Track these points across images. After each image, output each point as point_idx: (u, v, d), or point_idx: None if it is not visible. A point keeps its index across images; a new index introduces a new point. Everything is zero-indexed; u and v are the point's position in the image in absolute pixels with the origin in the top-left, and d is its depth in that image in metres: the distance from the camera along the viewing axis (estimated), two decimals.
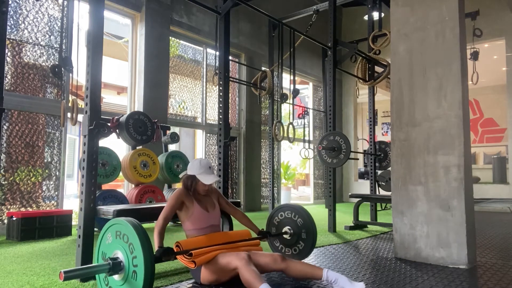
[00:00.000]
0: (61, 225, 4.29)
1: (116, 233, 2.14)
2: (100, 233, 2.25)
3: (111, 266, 2.05)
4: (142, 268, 1.95)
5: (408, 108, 3.33)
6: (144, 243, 1.99)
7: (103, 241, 2.23)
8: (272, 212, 3.18)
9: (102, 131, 2.63)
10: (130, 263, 2.02)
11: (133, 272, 2.00)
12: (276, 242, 3.13)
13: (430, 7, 3.25)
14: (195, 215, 2.50)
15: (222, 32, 3.70)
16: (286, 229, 3.04)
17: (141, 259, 1.96)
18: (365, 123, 13.37)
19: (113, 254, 2.12)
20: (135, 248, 2.00)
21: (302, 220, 3.00)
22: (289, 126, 5.75)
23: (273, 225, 3.13)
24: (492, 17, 8.40)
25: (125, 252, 2.06)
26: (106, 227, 2.21)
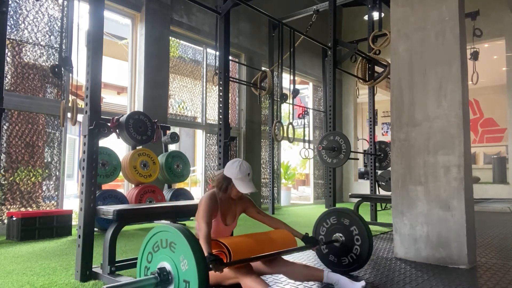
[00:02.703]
0: (61, 225, 4.29)
1: (162, 242, 1.88)
2: (142, 243, 1.99)
3: (158, 280, 1.81)
4: (196, 280, 1.70)
5: (408, 108, 3.33)
6: (197, 252, 1.74)
7: (145, 252, 1.96)
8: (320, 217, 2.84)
9: (102, 131, 2.63)
10: (181, 275, 1.77)
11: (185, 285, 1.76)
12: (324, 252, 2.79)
13: (430, 7, 3.25)
14: (214, 225, 2.28)
15: (222, 32, 3.70)
16: (338, 236, 2.71)
17: (194, 270, 1.70)
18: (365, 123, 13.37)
19: (159, 266, 1.86)
20: (187, 258, 1.75)
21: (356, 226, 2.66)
22: (289, 126, 5.75)
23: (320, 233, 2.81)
24: (492, 17, 8.40)
25: (174, 263, 1.81)
26: (150, 235, 1.94)
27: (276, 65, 6.68)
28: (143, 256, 1.96)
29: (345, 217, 2.73)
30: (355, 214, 2.73)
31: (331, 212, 2.80)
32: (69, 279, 2.52)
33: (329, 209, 2.89)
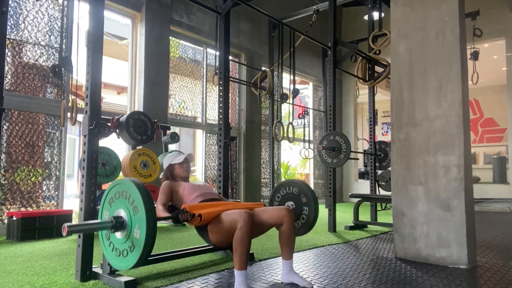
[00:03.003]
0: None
1: (119, 193, 2.19)
2: (104, 193, 2.31)
3: (114, 224, 2.12)
4: (144, 224, 1.99)
5: (408, 108, 3.33)
6: (147, 200, 2.02)
7: (106, 201, 2.29)
8: (275, 189, 3.25)
9: (102, 131, 2.63)
10: (133, 221, 2.07)
11: (135, 230, 2.05)
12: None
13: (430, 7, 3.25)
14: (187, 188, 2.65)
15: (222, 32, 3.70)
16: (289, 204, 3.08)
17: (143, 215, 2.00)
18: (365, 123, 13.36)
19: (116, 213, 2.18)
20: (138, 207, 2.05)
21: (306, 199, 3.05)
22: (289, 126, 5.75)
23: (275, 201, 3.21)
24: (492, 17, 8.40)
25: (128, 211, 2.11)
26: (110, 187, 2.27)
27: (276, 65, 6.68)
28: (104, 203, 2.30)
29: (295, 186, 3.12)
30: (304, 184, 3.12)
31: (283, 184, 3.20)
32: (69, 279, 2.52)
33: (281, 181, 3.30)
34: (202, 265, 2.92)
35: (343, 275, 2.67)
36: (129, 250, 2.09)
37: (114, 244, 2.20)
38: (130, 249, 2.08)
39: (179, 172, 2.75)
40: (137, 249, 2.03)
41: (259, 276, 2.65)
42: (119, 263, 2.16)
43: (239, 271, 2.18)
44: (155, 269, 2.77)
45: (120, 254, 2.15)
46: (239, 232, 2.18)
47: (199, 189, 2.70)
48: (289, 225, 2.43)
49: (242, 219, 2.19)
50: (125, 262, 2.11)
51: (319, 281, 2.51)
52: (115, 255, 2.19)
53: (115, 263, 2.21)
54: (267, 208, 2.55)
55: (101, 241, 2.30)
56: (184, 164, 2.77)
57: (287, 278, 2.43)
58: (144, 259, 2.04)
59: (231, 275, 2.64)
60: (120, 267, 2.16)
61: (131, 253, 2.08)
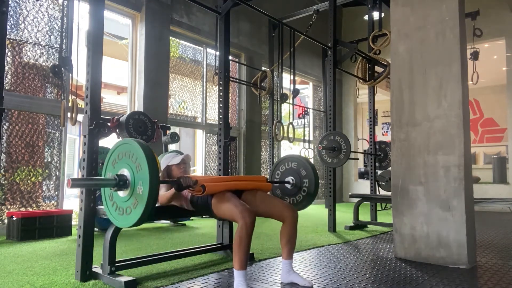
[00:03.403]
0: (61, 225, 4.29)
1: (122, 153, 2.21)
2: (107, 155, 2.32)
3: (117, 182, 2.14)
4: (147, 179, 2.01)
5: (408, 108, 3.33)
6: (149, 157, 2.04)
7: (109, 163, 2.30)
8: (274, 165, 3.29)
9: (102, 131, 2.63)
10: (136, 179, 2.09)
11: (138, 186, 2.07)
12: (278, 192, 3.22)
13: (430, 7, 3.25)
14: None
15: (222, 32, 3.70)
16: (289, 179, 3.12)
17: (146, 171, 2.02)
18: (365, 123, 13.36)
19: (120, 172, 2.19)
20: (141, 164, 2.07)
21: (306, 171, 3.07)
22: (289, 126, 5.75)
23: (276, 175, 3.24)
24: (492, 17, 8.39)
25: (131, 168, 2.13)
26: (113, 149, 2.30)
27: (276, 65, 6.68)
28: (107, 164, 2.31)
29: (294, 161, 3.16)
30: (302, 158, 3.18)
31: (282, 160, 3.25)
32: (69, 279, 2.52)
33: (280, 158, 3.39)
34: (202, 265, 2.92)
35: (343, 275, 2.67)
36: (132, 207, 2.11)
37: (117, 203, 2.22)
38: (133, 206, 2.11)
39: (176, 173, 2.74)
40: (140, 205, 2.05)
41: (259, 276, 2.65)
42: (123, 221, 2.18)
43: (239, 271, 2.18)
44: (155, 269, 2.77)
45: (124, 212, 2.17)
46: (239, 233, 2.17)
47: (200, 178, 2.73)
48: (292, 224, 2.43)
49: (243, 220, 2.17)
50: (129, 219, 2.13)
51: (319, 281, 2.51)
52: (118, 214, 2.21)
53: (119, 222, 2.22)
54: (274, 200, 2.53)
55: (104, 202, 2.32)
56: (182, 165, 2.76)
57: (287, 278, 2.43)
58: (147, 213, 2.06)
59: (231, 275, 2.64)
60: (124, 224, 2.19)
61: (134, 210, 2.10)
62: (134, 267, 2.67)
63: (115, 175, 2.18)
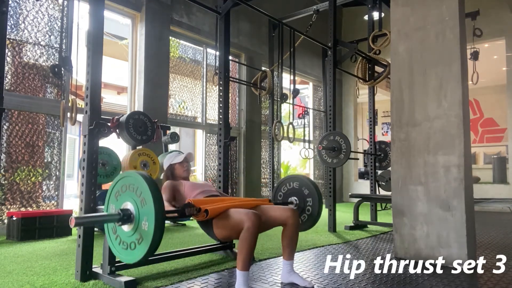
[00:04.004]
0: (61, 225, 4.29)
1: (126, 186, 2.18)
2: (111, 185, 2.28)
3: (121, 216, 2.10)
4: (152, 216, 1.98)
5: (408, 108, 3.33)
6: (155, 192, 2.01)
7: (112, 195, 2.27)
8: (276, 187, 3.27)
9: (102, 131, 2.63)
10: (141, 214, 2.06)
11: (143, 222, 2.04)
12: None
13: (430, 7, 3.25)
14: (187, 186, 2.67)
15: (222, 32, 3.70)
16: (292, 199, 3.10)
17: (151, 207, 1.98)
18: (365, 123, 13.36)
19: (123, 206, 2.16)
20: (146, 198, 2.03)
21: (308, 190, 3.06)
22: (289, 126, 5.75)
23: (279, 196, 3.22)
24: (492, 17, 8.39)
25: (135, 203, 2.09)
26: (116, 181, 2.25)
27: (276, 65, 6.68)
28: (110, 197, 2.27)
29: (296, 181, 3.15)
30: (303, 177, 3.17)
31: (284, 181, 3.24)
32: (69, 279, 2.52)
33: (281, 179, 3.35)
34: (202, 265, 2.92)
35: (343, 275, 2.67)
36: (137, 242, 2.08)
37: (121, 237, 2.18)
38: (138, 242, 2.07)
39: (179, 171, 2.77)
40: (145, 241, 2.02)
41: (259, 276, 2.65)
42: (127, 256, 2.14)
43: (242, 272, 2.17)
44: (155, 269, 2.77)
45: (128, 247, 2.13)
46: (245, 233, 2.17)
47: (200, 187, 2.72)
48: (293, 226, 2.42)
49: (250, 221, 2.17)
50: (133, 254, 2.10)
51: (319, 281, 2.52)
52: (122, 248, 2.17)
53: (122, 257, 2.18)
54: (273, 206, 2.54)
55: (108, 236, 2.28)
56: (184, 163, 2.78)
57: (287, 278, 2.43)
58: (153, 250, 2.02)
59: (231, 275, 2.64)
60: (128, 260, 2.15)
61: (139, 245, 2.06)
62: (134, 267, 2.67)
63: (119, 209, 2.14)
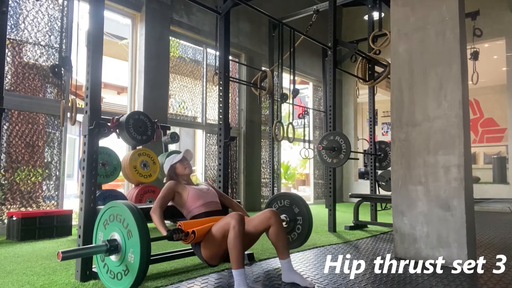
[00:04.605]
0: (61, 225, 4.29)
1: (113, 216, 2.21)
2: (98, 216, 2.33)
3: (108, 247, 2.14)
4: (138, 249, 2.02)
5: (408, 108, 3.33)
6: (141, 226, 2.04)
7: (100, 223, 2.32)
8: (269, 201, 3.31)
9: (102, 131, 2.63)
10: (127, 245, 2.10)
11: (129, 254, 2.07)
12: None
13: (430, 7, 3.25)
14: (191, 194, 2.62)
15: (222, 32, 3.70)
16: (283, 217, 3.14)
17: (137, 241, 2.02)
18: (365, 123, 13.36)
19: (110, 236, 2.21)
20: (132, 231, 2.07)
21: (299, 208, 3.14)
22: (289, 126, 5.75)
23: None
24: (492, 17, 8.40)
25: (122, 234, 2.13)
26: (104, 209, 2.29)
27: (276, 65, 6.68)
28: (99, 225, 2.32)
29: (286, 199, 3.21)
30: (294, 195, 3.24)
31: (274, 199, 3.29)
32: (69, 279, 2.52)
33: (272, 196, 3.40)
34: (202, 265, 2.92)
35: (343, 275, 2.67)
36: (123, 273, 2.12)
37: (108, 266, 2.23)
38: (124, 273, 2.11)
39: (181, 170, 2.75)
40: (131, 274, 2.06)
41: (259, 276, 2.65)
42: (113, 285, 2.19)
43: (237, 270, 2.18)
44: (155, 269, 2.77)
45: (115, 276, 2.18)
46: (232, 232, 2.19)
47: (202, 197, 2.64)
48: (276, 224, 2.44)
49: (234, 219, 2.21)
50: (119, 285, 2.14)
51: (319, 281, 2.52)
52: (109, 277, 2.22)
53: (109, 285, 2.23)
54: (252, 217, 2.55)
55: (96, 263, 2.32)
56: (184, 161, 2.78)
57: (288, 278, 2.43)
58: (138, 283, 2.06)
59: (231, 275, 2.64)
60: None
61: (125, 277, 2.10)
62: None
63: (106, 240, 2.17)
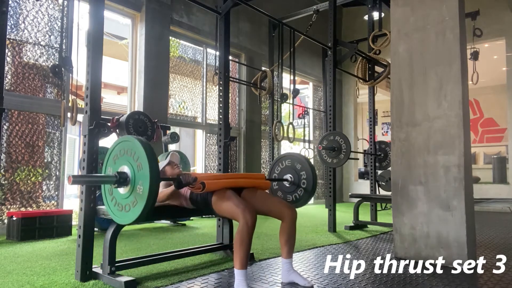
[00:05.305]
0: (61, 225, 4.29)
1: (124, 150, 2.21)
2: (110, 148, 2.32)
3: (117, 179, 2.15)
4: (147, 180, 2.02)
5: (408, 108, 3.33)
6: (151, 158, 2.05)
7: (110, 157, 2.30)
8: (274, 161, 3.30)
9: (102, 131, 2.63)
10: (137, 178, 2.10)
11: (138, 186, 2.08)
12: (279, 193, 3.25)
13: (430, 7, 3.25)
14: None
15: (222, 32, 3.70)
16: (287, 177, 3.14)
17: (147, 172, 2.02)
18: (365, 123, 13.36)
19: (120, 169, 2.20)
20: (142, 164, 2.07)
21: (302, 167, 3.11)
22: (289, 126, 5.75)
23: (274, 173, 3.26)
24: (492, 17, 8.40)
25: (132, 167, 2.13)
26: (115, 144, 2.29)
27: (276, 65, 6.68)
28: (108, 159, 2.31)
29: (287, 159, 3.20)
30: (294, 153, 3.26)
31: (280, 158, 3.27)
32: (69, 279, 2.52)
33: (279, 155, 3.42)
34: (202, 265, 2.92)
35: (343, 275, 2.67)
36: (131, 205, 2.12)
37: (116, 198, 2.24)
38: (132, 204, 2.12)
39: (171, 172, 2.79)
40: (139, 204, 2.07)
41: (259, 276, 2.65)
42: (121, 217, 2.21)
43: (239, 271, 2.18)
44: (155, 269, 2.77)
45: (123, 208, 2.18)
46: (240, 233, 2.18)
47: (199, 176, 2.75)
48: (291, 223, 2.44)
49: (245, 220, 2.18)
50: (127, 216, 2.15)
51: (319, 281, 2.52)
52: (117, 209, 2.23)
53: (117, 217, 2.24)
54: (272, 200, 2.55)
55: (104, 196, 2.33)
56: (171, 163, 2.84)
57: (287, 277, 2.43)
58: (145, 214, 2.07)
59: (231, 275, 2.64)
60: (122, 221, 2.21)
61: (133, 208, 2.11)
62: (134, 267, 2.67)
63: (116, 172, 2.18)
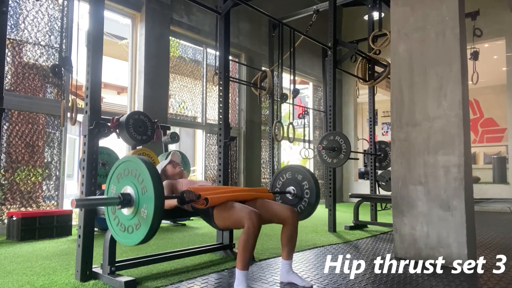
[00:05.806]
0: (61, 225, 4.29)
1: (128, 170, 2.18)
2: (112, 169, 2.30)
3: (121, 200, 2.12)
4: (152, 205, 1.99)
5: (408, 108, 3.33)
6: (156, 183, 2.02)
7: (113, 176, 2.28)
8: (275, 176, 3.28)
9: (102, 131, 2.63)
10: (141, 200, 2.08)
11: (142, 209, 2.06)
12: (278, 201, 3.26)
13: (430, 7, 3.25)
14: (185, 182, 2.70)
15: (222, 32, 3.70)
16: (290, 189, 3.11)
17: (151, 197, 2.00)
18: (365, 123, 13.36)
19: (123, 190, 2.18)
20: (147, 187, 2.04)
21: (306, 181, 3.07)
22: (289, 126, 5.75)
23: (276, 187, 3.24)
24: (492, 17, 8.40)
25: (136, 188, 2.11)
26: (119, 163, 2.26)
27: (276, 65, 6.68)
28: (112, 177, 2.28)
29: (288, 171, 3.17)
30: (294, 165, 3.22)
31: (282, 170, 3.23)
32: (69, 279, 2.52)
33: (281, 168, 3.40)
34: (202, 265, 2.92)
35: (343, 275, 2.67)
36: (134, 227, 2.10)
37: (119, 219, 2.21)
38: (136, 227, 2.09)
39: (172, 171, 2.82)
40: (143, 228, 2.04)
41: (259, 276, 2.65)
42: (123, 238, 2.18)
43: (241, 271, 2.18)
44: (155, 269, 2.77)
45: (125, 230, 2.16)
46: (245, 234, 2.17)
47: (196, 183, 2.78)
48: (293, 226, 2.43)
49: (251, 221, 2.17)
50: (130, 238, 2.12)
51: (319, 281, 2.51)
52: (120, 229, 2.20)
53: (119, 238, 2.21)
54: (273, 204, 2.54)
55: (107, 215, 2.30)
56: (173, 162, 2.86)
57: (286, 278, 2.43)
58: (150, 237, 2.04)
59: (231, 275, 2.64)
60: (125, 242, 2.18)
61: (136, 231, 2.08)
62: (134, 267, 2.67)
63: (119, 193, 2.15)
